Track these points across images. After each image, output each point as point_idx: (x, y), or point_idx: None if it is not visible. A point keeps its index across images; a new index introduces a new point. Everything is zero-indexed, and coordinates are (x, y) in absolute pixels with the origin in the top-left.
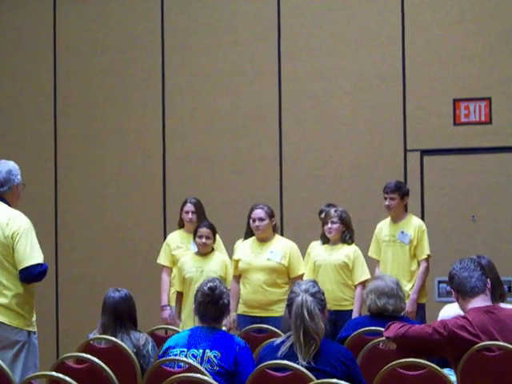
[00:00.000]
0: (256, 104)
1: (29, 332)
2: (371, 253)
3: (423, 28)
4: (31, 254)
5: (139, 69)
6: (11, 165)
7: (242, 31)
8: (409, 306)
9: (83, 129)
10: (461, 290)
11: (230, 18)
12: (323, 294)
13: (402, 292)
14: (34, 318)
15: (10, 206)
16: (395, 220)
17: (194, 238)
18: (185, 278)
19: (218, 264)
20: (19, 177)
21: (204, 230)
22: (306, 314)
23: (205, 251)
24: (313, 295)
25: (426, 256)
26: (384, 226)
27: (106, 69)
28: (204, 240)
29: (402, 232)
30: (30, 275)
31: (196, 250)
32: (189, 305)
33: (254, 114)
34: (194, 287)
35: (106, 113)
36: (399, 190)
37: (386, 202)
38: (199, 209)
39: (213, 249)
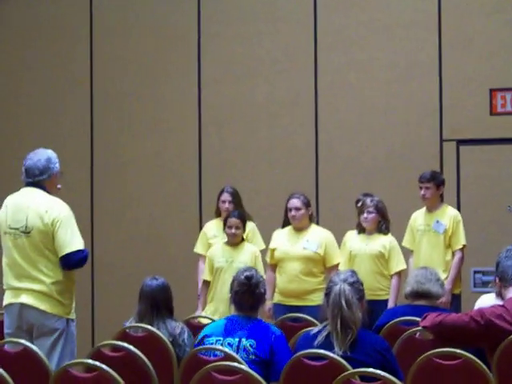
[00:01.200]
0: (291, 94)
1: (67, 320)
2: (405, 243)
3: (459, 18)
4: (72, 240)
5: (175, 57)
6: (50, 153)
7: (278, 20)
8: (444, 296)
9: (119, 117)
10: (503, 278)
11: (267, 6)
12: (362, 284)
13: (441, 280)
14: (73, 306)
15: (49, 193)
16: (430, 209)
17: (224, 227)
18: (214, 267)
19: (247, 255)
20: (57, 165)
21: (233, 221)
22: (343, 303)
23: (234, 241)
24: (351, 285)
25: (461, 246)
26: (419, 216)
27: (141, 57)
28: (233, 230)
29: (437, 221)
30: (71, 262)
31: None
32: (217, 294)
33: (289, 104)
34: (223, 277)
35: (141, 101)
36: (434, 180)
37: (422, 192)
38: (236, 198)
39: (243, 239)
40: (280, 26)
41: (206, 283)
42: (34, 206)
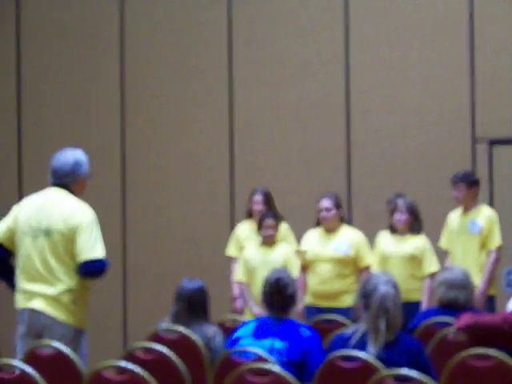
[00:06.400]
0: (323, 94)
1: (77, 330)
2: (442, 243)
3: (491, 17)
4: (93, 247)
5: (206, 59)
6: (78, 155)
7: (309, 21)
8: (479, 297)
9: (150, 119)
10: None
11: (296, 7)
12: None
13: (472, 283)
14: (85, 317)
15: (74, 195)
16: (466, 210)
17: (259, 228)
18: (248, 268)
19: (279, 255)
20: (86, 167)
21: (270, 222)
22: (390, 306)
23: (270, 242)
24: (394, 287)
25: (496, 246)
26: (455, 216)
27: (172, 59)
28: (270, 231)
29: (473, 221)
30: (88, 270)
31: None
32: (253, 295)
33: (320, 104)
34: (258, 278)
35: (173, 103)
36: (466, 180)
37: (454, 193)
38: (268, 199)
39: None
40: (310, 26)
41: (244, 283)
42: (58, 207)
